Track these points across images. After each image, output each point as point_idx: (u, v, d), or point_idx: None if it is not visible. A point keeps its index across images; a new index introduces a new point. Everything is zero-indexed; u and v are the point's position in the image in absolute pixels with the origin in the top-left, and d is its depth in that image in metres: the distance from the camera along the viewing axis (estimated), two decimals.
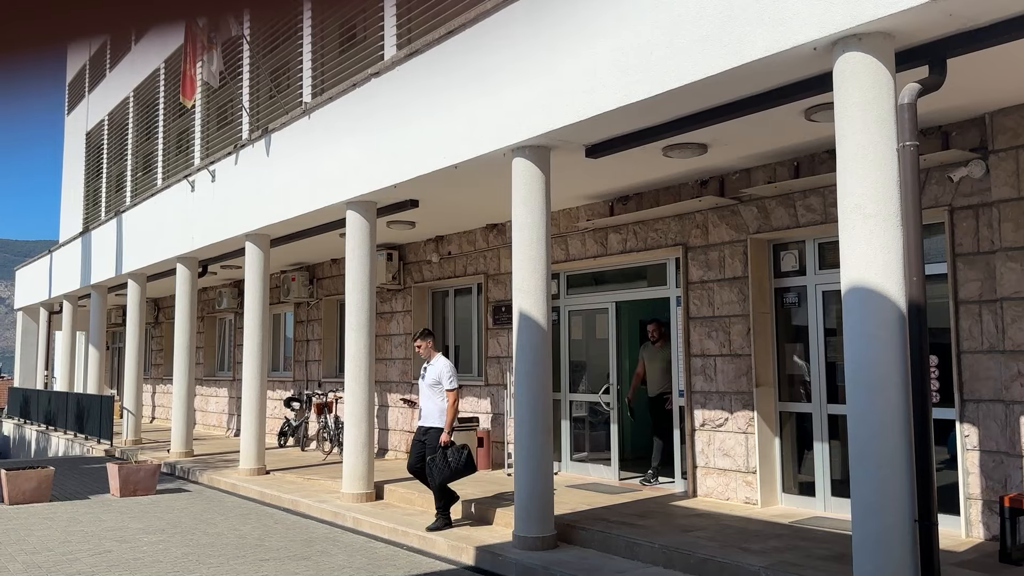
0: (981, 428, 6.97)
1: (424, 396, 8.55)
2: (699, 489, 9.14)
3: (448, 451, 8.31)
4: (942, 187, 7.27)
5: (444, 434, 8.34)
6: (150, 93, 18.87)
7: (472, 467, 8.38)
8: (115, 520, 9.59)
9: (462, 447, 8.37)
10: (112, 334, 26.74)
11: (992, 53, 5.41)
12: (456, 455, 8.30)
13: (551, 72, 7.24)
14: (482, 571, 7.27)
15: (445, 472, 8.27)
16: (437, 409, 8.42)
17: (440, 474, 8.27)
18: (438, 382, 8.44)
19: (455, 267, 12.82)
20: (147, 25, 1.21)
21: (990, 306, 6.93)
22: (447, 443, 8.34)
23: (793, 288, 8.75)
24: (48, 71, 1.21)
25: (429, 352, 8.65)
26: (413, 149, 8.95)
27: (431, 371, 8.54)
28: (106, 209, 22.05)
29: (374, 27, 10.57)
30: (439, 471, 8.27)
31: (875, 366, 5.09)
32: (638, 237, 9.98)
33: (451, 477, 8.30)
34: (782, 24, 5.41)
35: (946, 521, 6.86)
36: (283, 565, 7.35)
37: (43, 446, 21.23)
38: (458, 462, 8.27)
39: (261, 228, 12.38)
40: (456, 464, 8.27)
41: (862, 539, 5.13)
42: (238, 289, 18.73)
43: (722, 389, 8.98)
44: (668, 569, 6.81)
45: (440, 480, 8.28)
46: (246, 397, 12.71)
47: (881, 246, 5.11)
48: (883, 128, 5.15)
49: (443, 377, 8.42)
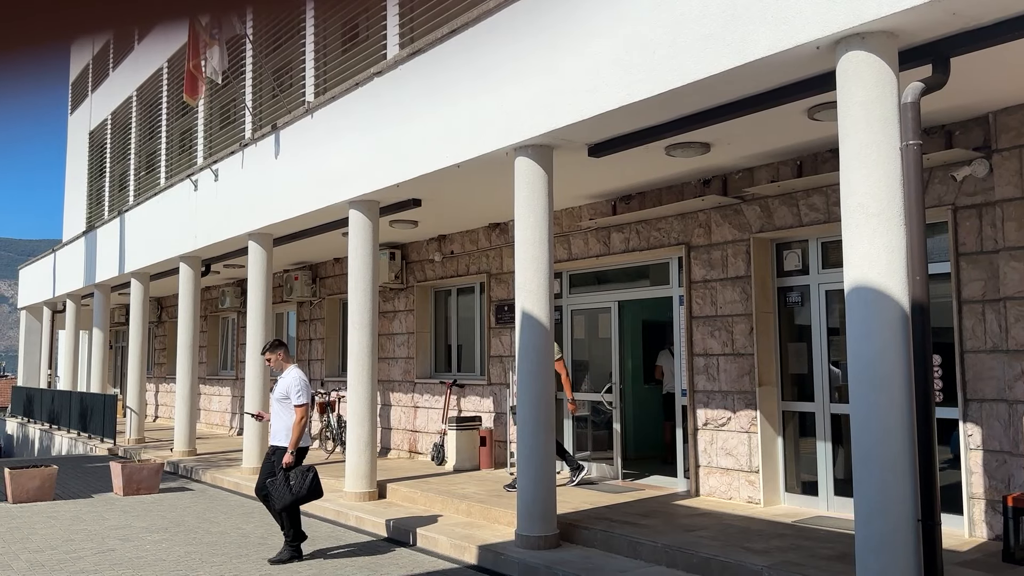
0: (984, 428, 6.96)
1: (274, 412, 7.69)
2: (702, 488, 9.13)
3: (290, 473, 7.43)
4: (945, 186, 7.26)
5: (287, 455, 7.44)
6: (153, 92, 18.89)
7: (318, 492, 7.50)
8: (118, 519, 9.60)
9: (308, 469, 7.49)
10: (115, 333, 26.78)
11: (995, 52, 5.40)
12: (299, 479, 7.41)
13: (553, 71, 7.24)
14: (485, 570, 7.27)
15: (286, 497, 7.35)
16: (285, 427, 7.57)
17: (280, 499, 7.35)
18: (287, 396, 7.58)
19: (458, 266, 12.82)
20: (150, 22, 1.21)
21: (993, 305, 6.92)
22: (289, 464, 7.44)
23: (796, 287, 8.74)
24: (51, 69, 1.21)
25: (280, 364, 7.85)
26: (416, 148, 8.95)
27: (280, 384, 7.69)
28: (109, 208, 22.08)
29: (377, 26, 10.57)
30: (279, 496, 7.36)
31: (878, 365, 5.09)
32: (641, 236, 9.97)
33: (293, 503, 7.41)
34: (785, 23, 5.40)
35: (949, 521, 6.86)
36: (285, 564, 7.36)
37: (46, 445, 21.27)
38: (301, 486, 7.38)
39: (264, 227, 12.39)
40: (299, 489, 7.37)
41: (865, 539, 5.13)
42: (241, 288, 18.75)
43: (725, 388, 8.97)
44: (671, 568, 6.81)
45: (280, 505, 7.37)
46: (248, 397, 12.72)
47: (884, 245, 5.10)
48: (886, 127, 5.14)
49: (291, 391, 7.54)
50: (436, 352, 13.77)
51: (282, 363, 7.85)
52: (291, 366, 7.82)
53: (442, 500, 9.43)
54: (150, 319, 23.59)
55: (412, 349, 13.63)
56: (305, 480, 7.42)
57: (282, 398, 7.63)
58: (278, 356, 7.87)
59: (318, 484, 7.50)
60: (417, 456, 13.38)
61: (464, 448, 11.72)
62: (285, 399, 7.61)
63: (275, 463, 7.52)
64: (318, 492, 7.50)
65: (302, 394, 7.54)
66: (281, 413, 7.62)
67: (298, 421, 7.45)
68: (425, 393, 13.36)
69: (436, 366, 13.73)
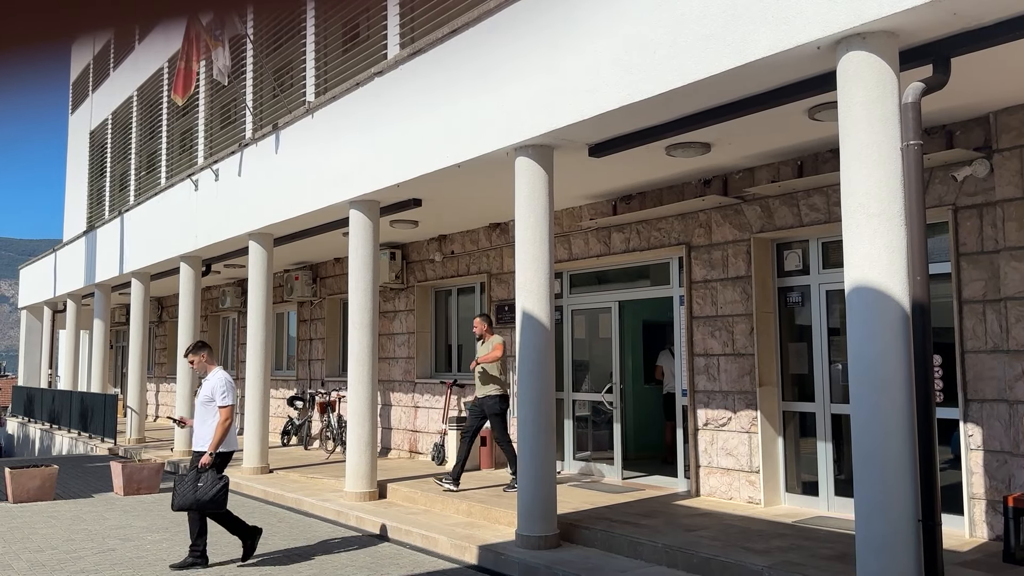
0: (985, 428, 6.95)
1: (198, 416, 7.31)
2: (702, 488, 9.13)
3: (202, 475, 7.03)
4: (946, 186, 7.26)
5: (206, 455, 7.07)
6: (154, 92, 18.89)
7: (221, 504, 7.02)
8: (119, 519, 9.60)
9: (220, 478, 7.05)
10: (116, 333, 26.79)
11: (996, 52, 5.40)
12: (208, 484, 6.98)
13: (554, 71, 7.24)
14: (485, 570, 7.27)
15: (187, 497, 6.94)
16: (210, 432, 7.19)
17: (181, 498, 6.96)
18: (212, 399, 7.23)
19: (458, 266, 12.82)
20: (151, 22, 1.21)
21: (994, 306, 6.92)
22: (206, 465, 7.05)
23: (796, 287, 8.74)
24: (52, 69, 1.21)
25: (204, 366, 7.48)
26: (416, 148, 8.95)
27: (205, 387, 7.34)
28: (110, 208, 22.09)
29: (377, 26, 10.57)
30: (181, 494, 6.96)
31: (879, 366, 5.08)
32: (641, 236, 9.97)
33: (192, 506, 6.96)
34: (786, 23, 5.40)
35: (950, 521, 6.86)
36: (286, 564, 7.36)
37: (47, 445, 21.28)
38: (206, 493, 6.94)
39: (264, 227, 12.40)
40: (203, 494, 6.94)
41: (866, 539, 5.13)
42: (241, 288, 18.76)
43: (725, 389, 8.97)
44: (671, 568, 6.81)
45: (178, 505, 6.98)
46: (249, 396, 12.72)
47: (885, 245, 5.10)
48: (887, 127, 5.14)
49: (216, 392, 7.21)
50: (436, 352, 13.77)
51: (206, 365, 7.50)
52: (216, 368, 7.49)
53: (442, 500, 9.43)
54: (150, 319, 23.59)
55: (412, 349, 13.63)
56: (213, 488, 6.98)
57: (207, 401, 7.28)
58: (201, 358, 7.51)
59: (224, 497, 7.04)
60: (417, 456, 13.38)
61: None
62: (210, 402, 7.26)
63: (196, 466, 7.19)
64: (220, 504, 7.03)
65: (227, 395, 7.22)
66: (206, 417, 7.26)
67: (222, 422, 7.12)
68: (425, 393, 13.36)
69: (436, 366, 13.74)
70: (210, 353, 7.58)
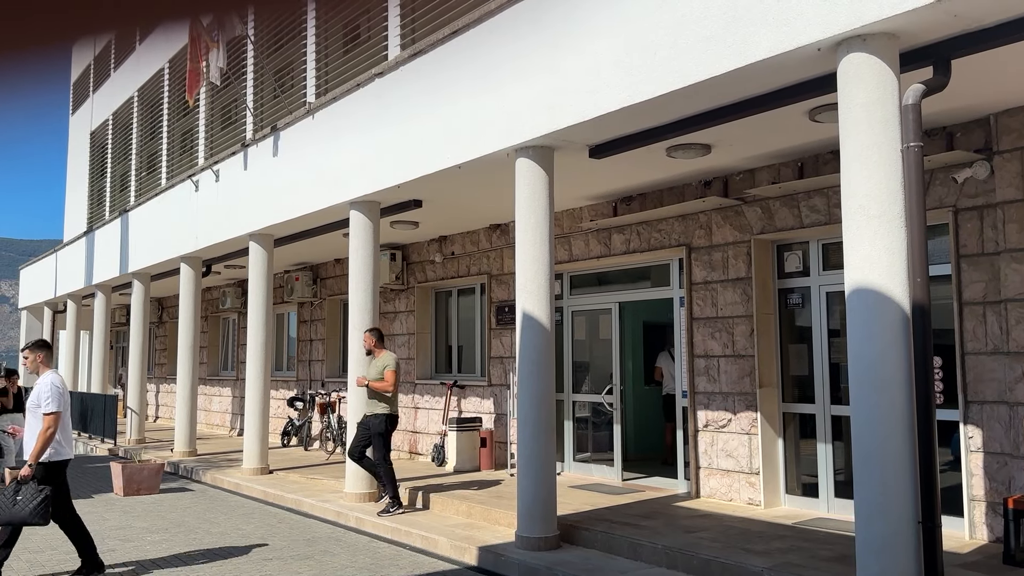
0: (985, 430, 6.95)
1: (28, 424, 6.63)
2: (702, 490, 9.13)
3: (22, 488, 6.36)
4: (946, 188, 7.26)
5: (26, 466, 6.41)
6: (154, 93, 18.90)
7: (43, 519, 6.33)
8: (119, 519, 9.60)
9: (41, 489, 6.38)
10: (116, 333, 26.79)
11: (997, 54, 5.40)
12: (29, 496, 6.32)
13: (555, 73, 7.24)
14: (485, 571, 7.27)
15: (4, 512, 6.26)
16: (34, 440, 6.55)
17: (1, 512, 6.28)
18: (38, 405, 6.55)
19: (458, 267, 12.83)
20: (152, 23, 1.21)
21: (994, 307, 6.92)
22: (26, 477, 6.39)
23: (797, 289, 8.74)
24: (53, 69, 1.21)
25: (38, 367, 6.80)
26: (417, 149, 8.96)
27: (34, 391, 6.66)
28: (110, 208, 22.10)
29: (378, 27, 10.58)
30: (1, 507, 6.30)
31: (879, 367, 5.08)
32: (642, 238, 9.98)
33: (9, 521, 6.29)
34: (786, 24, 5.41)
35: (950, 523, 6.85)
36: (286, 565, 7.36)
37: None
38: (24, 507, 6.28)
39: (265, 228, 12.40)
40: (22, 509, 6.27)
41: (866, 540, 5.13)
42: (242, 289, 18.76)
43: (725, 390, 8.97)
44: (671, 570, 6.80)
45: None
46: (249, 397, 12.72)
47: (885, 247, 5.10)
48: (887, 129, 5.14)
49: (41, 397, 6.51)
50: (437, 353, 13.77)
51: (40, 365, 6.80)
52: (48, 371, 6.77)
53: (442, 501, 9.43)
54: (151, 319, 23.59)
55: (413, 350, 13.64)
56: (32, 502, 6.31)
57: (34, 407, 6.60)
58: (37, 357, 6.81)
59: (46, 511, 6.37)
60: (417, 457, 13.38)
61: (464, 449, 11.72)
62: (37, 407, 6.56)
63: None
64: (43, 519, 6.34)
65: (52, 401, 6.49)
66: (33, 424, 6.59)
67: (44, 430, 6.44)
68: (425, 394, 13.36)
69: (437, 367, 13.74)
70: (48, 355, 6.90)
